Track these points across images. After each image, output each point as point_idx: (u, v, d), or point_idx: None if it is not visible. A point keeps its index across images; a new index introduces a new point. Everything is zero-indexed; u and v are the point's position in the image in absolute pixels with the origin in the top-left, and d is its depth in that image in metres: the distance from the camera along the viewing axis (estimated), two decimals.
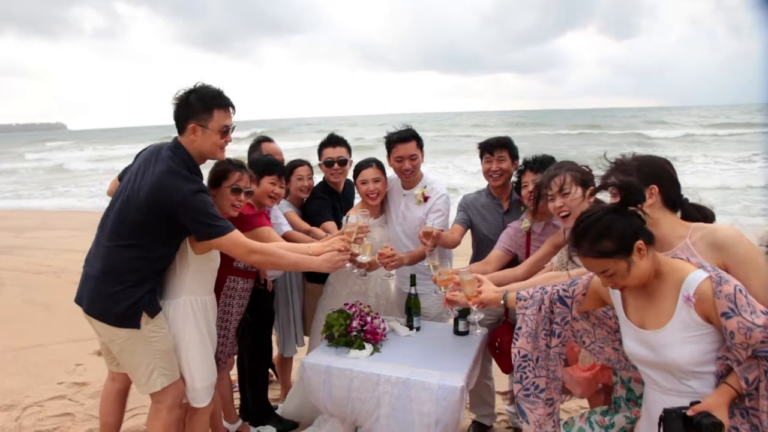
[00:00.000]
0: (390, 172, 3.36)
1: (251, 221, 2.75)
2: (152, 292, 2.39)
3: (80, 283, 2.46)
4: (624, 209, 1.68)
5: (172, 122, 2.41)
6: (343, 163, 3.40)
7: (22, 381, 4.14)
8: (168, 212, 2.25)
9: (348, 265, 2.88)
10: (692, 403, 1.56)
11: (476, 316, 2.56)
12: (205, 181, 2.52)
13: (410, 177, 3.22)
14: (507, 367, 2.88)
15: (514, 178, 2.98)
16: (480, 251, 3.15)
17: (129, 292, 2.32)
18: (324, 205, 3.30)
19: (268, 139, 3.44)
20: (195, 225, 2.29)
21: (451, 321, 2.96)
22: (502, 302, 2.23)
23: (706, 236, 1.78)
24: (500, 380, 3.47)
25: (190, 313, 2.49)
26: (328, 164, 3.38)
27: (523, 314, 2.03)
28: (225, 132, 2.39)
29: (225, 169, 2.63)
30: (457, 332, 2.87)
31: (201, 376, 2.52)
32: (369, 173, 3.20)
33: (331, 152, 3.39)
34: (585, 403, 3.07)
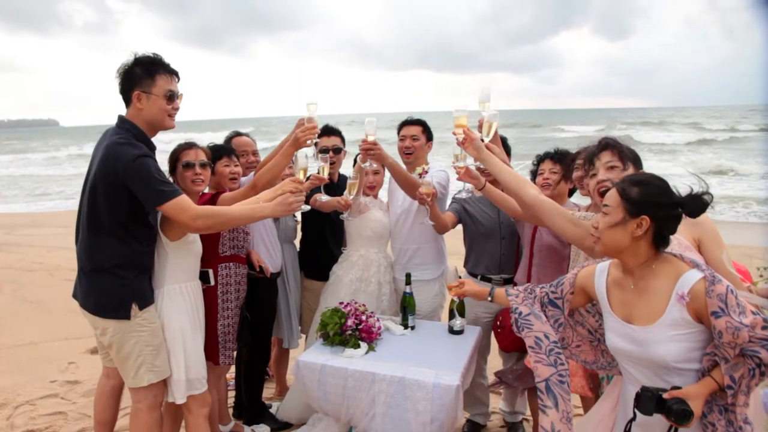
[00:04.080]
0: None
1: (211, 200, 2.78)
2: (142, 283, 2.38)
3: (76, 279, 2.46)
4: (675, 198, 1.66)
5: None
6: (337, 151, 3.48)
7: (14, 379, 4.12)
8: (119, 184, 2.21)
9: (323, 197, 2.99)
10: (673, 388, 1.60)
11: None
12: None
13: (410, 158, 3.29)
14: (506, 345, 2.90)
15: (532, 167, 3.04)
16: (476, 245, 3.18)
17: (118, 282, 2.32)
18: (317, 191, 3.35)
19: (239, 134, 3.51)
20: (142, 191, 2.21)
21: (446, 319, 2.98)
22: (489, 298, 2.21)
23: None
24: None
25: (174, 300, 2.48)
26: (323, 152, 3.42)
27: (527, 307, 2.00)
28: (170, 97, 2.35)
29: (175, 150, 2.69)
30: (452, 331, 2.88)
31: (189, 367, 2.49)
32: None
33: (326, 141, 3.46)
34: (577, 401, 3.08)
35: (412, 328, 2.94)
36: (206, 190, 2.95)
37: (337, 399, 2.49)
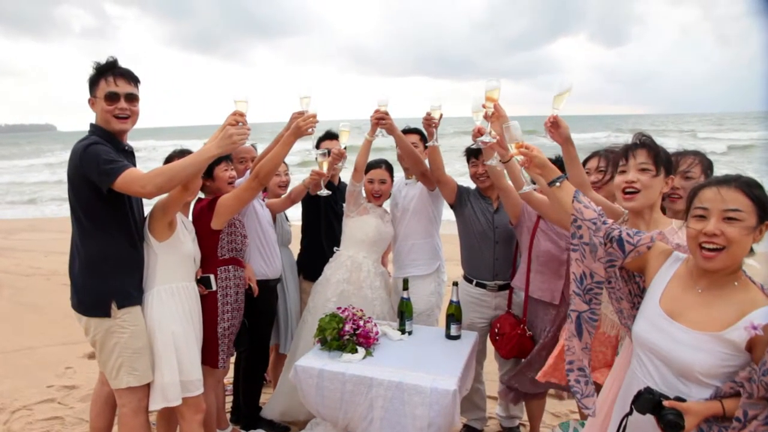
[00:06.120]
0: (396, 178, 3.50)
1: (209, 205, 2.77)
2: (123, 281, 2.38)
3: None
4: None
5: (162, 124, 2.43)
6: None
7: (10, 384, 4.11)
8: (83, 178, 2.25)
9: (324, 192, 2.95)
10: (677, 398, 1.56)
11: (493, 161, 2.34)
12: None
13: (409, 164, 3.34)
14: (506, 352, 2.91)
15: None
16: (469, 247, 3.20)
17: (97, 280, 2.34)
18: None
19: None
20: (95, 175, 2.21)
21: (442, 322, 2.99)
22: (557, 184, 1.89)
23: None
24: (491, 385, 3.50)
25: (165, 301, 2.47)
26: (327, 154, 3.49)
27: (590, 229, 1.79)
28: (109, 97, 2.35)
29: (170, 156, 2.69)
30: (449, 336, 2.90)
31: (183, 370, 2.47)
32: (377, 173, 3.34)
33: (329, 144, 3.50)
34: (575, 405, 3.10)
35: (410, 333, 2.96)
36: (202, 196, 2.97)
37: (334, 404, 2.50)
